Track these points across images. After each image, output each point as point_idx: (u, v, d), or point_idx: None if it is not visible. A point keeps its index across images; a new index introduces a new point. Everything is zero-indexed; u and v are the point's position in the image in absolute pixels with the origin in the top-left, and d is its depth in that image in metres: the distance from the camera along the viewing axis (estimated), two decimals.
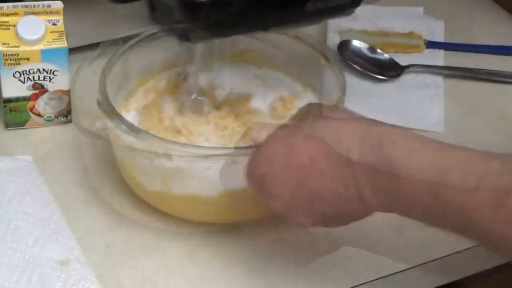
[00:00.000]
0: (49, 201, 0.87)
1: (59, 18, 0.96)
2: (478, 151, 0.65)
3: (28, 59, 0.94)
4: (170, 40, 0.93)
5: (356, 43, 1.13)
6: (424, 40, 1.18)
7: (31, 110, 0.98)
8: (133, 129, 0.82)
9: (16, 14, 0.95)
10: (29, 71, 0.95)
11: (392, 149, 0.66)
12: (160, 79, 0.98)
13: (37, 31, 0.94)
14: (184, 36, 0.84)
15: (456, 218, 0.63)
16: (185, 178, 0.83)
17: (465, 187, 0.62)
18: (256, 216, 0.87)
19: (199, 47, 0.90)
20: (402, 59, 1.13)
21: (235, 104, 0.94)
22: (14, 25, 0.94)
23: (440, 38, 1.19)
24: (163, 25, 0.92)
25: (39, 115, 0.99)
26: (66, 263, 0.80)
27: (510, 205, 0.60)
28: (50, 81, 0.97)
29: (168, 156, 0.80)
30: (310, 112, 0.76)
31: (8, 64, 0.94)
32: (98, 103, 0.85)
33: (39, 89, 0.97)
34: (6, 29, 0.94)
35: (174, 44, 0.90)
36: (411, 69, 1.12)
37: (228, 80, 0.98)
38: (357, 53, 1.13)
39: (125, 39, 0.94)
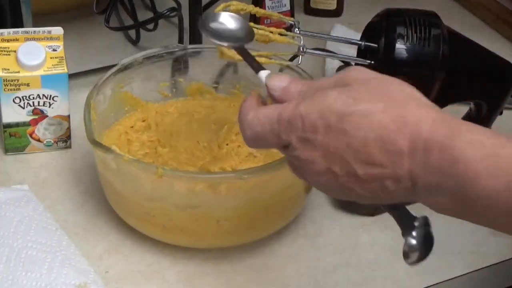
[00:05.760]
0: (54, 228, 0.87)
1: (59, 44, 0.97)
2: None
3: (28, 84, 0.95)
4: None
5: None
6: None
7: (30, 135, 0.99)
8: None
9: (16, 40, 0.95)
10: (29, 96, 0.96)
11: (468, 149, 0.58)
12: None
13: (37, 57, 0.95)
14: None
15: None
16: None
17: None
18: (254, 239, 0.88)
19: None
20: None
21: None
22: (15, 51, 0.95)
23: None
24: None
25: (38, 140, 0.99)
26: (84, 287, 0.80)
27: None
28: (50, 107, 0.97)
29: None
30: (370, 78, 0.65)
31: (8, 89, 0.95)
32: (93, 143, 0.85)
33: (39, 115, 0.97)
34: (6, 54, 0.95)
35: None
36: None
37: None
38: None
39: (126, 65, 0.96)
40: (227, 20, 0.77)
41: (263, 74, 0.70)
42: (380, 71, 0.85)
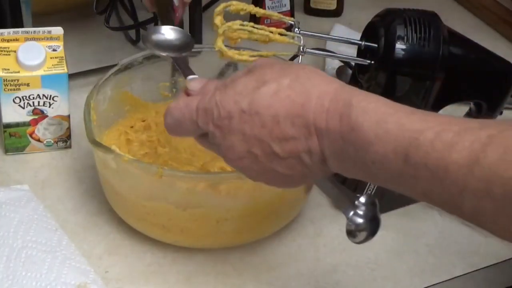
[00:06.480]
0: (54, 228, 0.87)
1: (59, 44, 0.97)
2: (456, 116, 0.62)
3: (28, 84, 0.95)
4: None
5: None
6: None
7: (30, 135, 0.99)
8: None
9: (16, 40, 0.95)
10: (29, 96, 0.96)
11: (362, 117, 0.62)
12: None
13: (37, 57, 0.95)
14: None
15: (428, 181, 0.59)
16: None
17: (439, 145, 0.58)
18: (254, 239, 0.88)
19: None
20: None
21: None
22: (15, 51, 0.95)
23: None
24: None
25: (38, 140, 0.99)
26: (84, 287, 0.80)
27: (486, 160, 0.55)
28: (50, 107, 0.97)
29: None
30: (274, 63, 0.70)
31: (8, 89, 0.95)
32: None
33: (39, 115, 0.97)
34: (6, 54, 0.95)
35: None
36: None
37: None
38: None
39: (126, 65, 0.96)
40: (168, 32, 0.84)
41: (188, 78, 0.77)
42: (380, 71, 0.86)
